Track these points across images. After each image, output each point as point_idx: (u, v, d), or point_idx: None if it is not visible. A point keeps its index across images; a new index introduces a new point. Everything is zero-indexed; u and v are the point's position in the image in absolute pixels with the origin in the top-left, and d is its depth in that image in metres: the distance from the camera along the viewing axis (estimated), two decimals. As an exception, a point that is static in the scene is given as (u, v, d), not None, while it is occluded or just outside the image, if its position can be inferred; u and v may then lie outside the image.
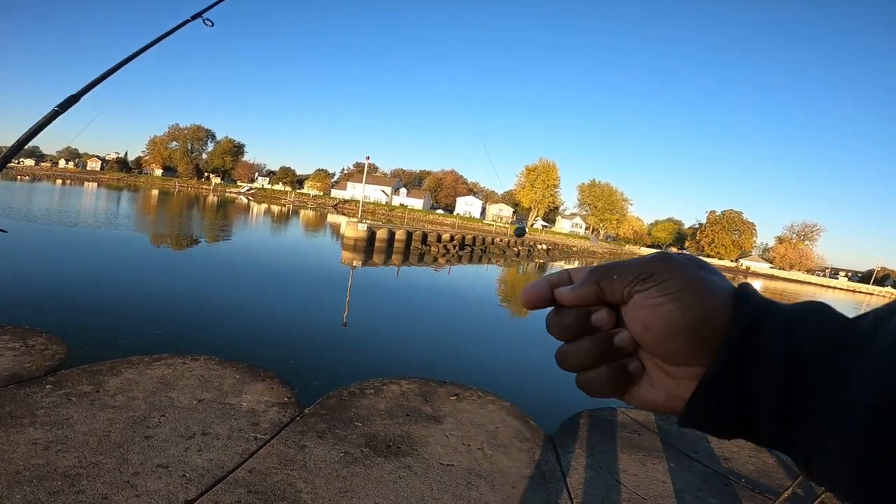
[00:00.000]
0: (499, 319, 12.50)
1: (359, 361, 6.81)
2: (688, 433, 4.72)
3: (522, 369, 7.75)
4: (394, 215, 67.06)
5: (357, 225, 22.61)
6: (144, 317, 7.35)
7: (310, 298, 11.14)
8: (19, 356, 4.10)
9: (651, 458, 4.05)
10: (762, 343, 0.31)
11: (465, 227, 54.88)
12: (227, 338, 6.94)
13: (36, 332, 4.69)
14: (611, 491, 3.45)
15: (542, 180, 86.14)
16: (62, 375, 3.87)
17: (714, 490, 3.65)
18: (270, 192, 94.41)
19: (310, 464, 3.16)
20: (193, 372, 4.36)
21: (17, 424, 3.02)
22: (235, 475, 2.88)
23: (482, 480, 3.31)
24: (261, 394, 4.15)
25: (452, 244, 29.37)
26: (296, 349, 6.84)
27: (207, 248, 17.86)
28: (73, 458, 2.73)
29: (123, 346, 5.64)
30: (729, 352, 0.32)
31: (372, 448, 3.52)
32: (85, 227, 18.33)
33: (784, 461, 4.40)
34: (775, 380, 0.31)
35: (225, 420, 3.57)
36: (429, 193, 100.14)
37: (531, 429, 4.31)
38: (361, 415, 4.05)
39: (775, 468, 4.24)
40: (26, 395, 3.43)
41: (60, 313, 6.85)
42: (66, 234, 15.69)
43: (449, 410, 4.43)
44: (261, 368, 4.75)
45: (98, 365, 4.18)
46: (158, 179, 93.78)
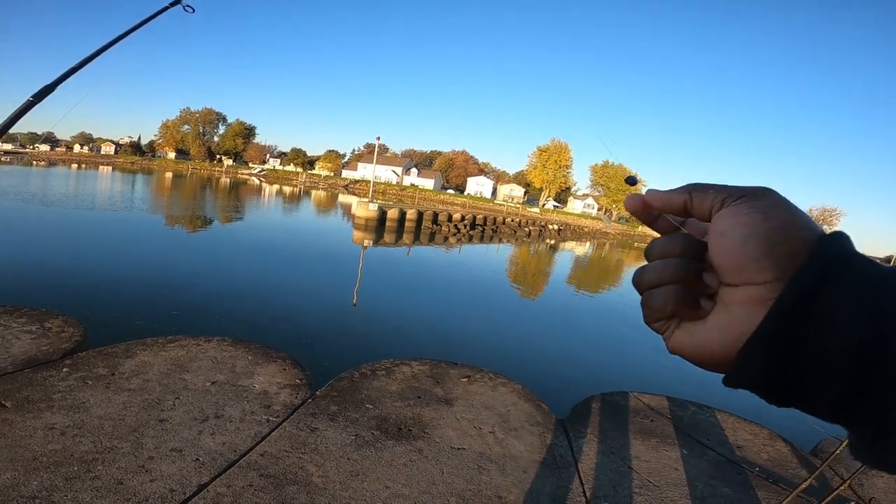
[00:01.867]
0: (510, 300, 12.46)
1: (370, 342, 6.84)
2: (701, 420, 4.68)
3: (534, 352, 7.74)
4: (405, 195, 66.87)
5: (368, 205, 22.59)
6: (159, 298, 7.44)
7: (321, 278, 11.18)
8: (36, 339, 4.16)
9: (663, 445, 4.02)
10: (849, 276, 0.27)
11: (476, 206, 54.59)
12: (240, 318, 7.00)
13: (52, 315, 4.75)
14: (623, 477, 3.43)
15: (555, 161, 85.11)
16: (78, 358, 3.92)
17: (727, 479, 3.61)
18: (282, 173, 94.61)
19: (321, 447, 3.18)
20: (207, 353, 4.39)
21: (34, 409, 3.06)
22: (248, 458, 2.91)
23: (493, 465, 3.31)
24: (273, 375, 4.17)
25: (463, 224, 29.28)
26: (307, 329, 6.88)
27: (220, 228, 17.99)
28: (88, 443, 2.77)
29: (139, 327, 5.71)
30: (811, 273, 0.27)
31: (383, 431, 3.53)
32: (101, 210, 18.54)
33: (799, 451, 4.35)
34: (856, 330, 0.26)
35: (238, 402, 3.60)
36: (439, 174, 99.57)
37: (543, 413, 4.30)
38: (372, 397, 4.06)
39: (790, 457, 4.18)
40: (43, 379, 3.48)
41: (76, 295, 6.96)
42: (82, 217, 15.89)
43: (460, 393, 4.43)
44: (273, 349, 4.77)
45: (114, 347, 4.22)
46: (172, 162, 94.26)
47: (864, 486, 3.78)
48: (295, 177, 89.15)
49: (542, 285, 15.91)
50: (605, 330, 10.43)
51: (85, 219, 15.58)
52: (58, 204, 18.17)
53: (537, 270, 20.22)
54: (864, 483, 3.84)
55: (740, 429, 4.62)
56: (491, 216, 35.18)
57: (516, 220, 39.74)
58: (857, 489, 3.67)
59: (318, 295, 9.39)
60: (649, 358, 8.38)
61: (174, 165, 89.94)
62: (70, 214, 15.96)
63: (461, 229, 28.05)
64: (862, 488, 3.74)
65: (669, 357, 1.71)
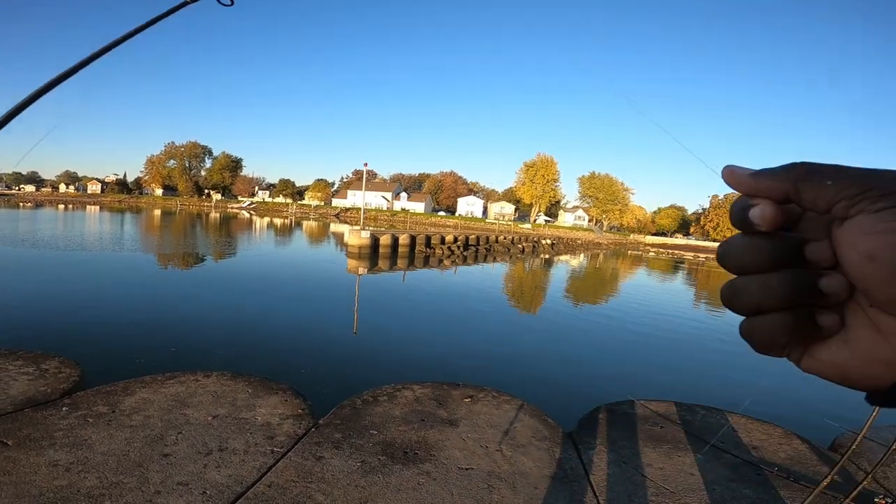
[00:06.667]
0: (508, 318, 12.45)
1: (370, 368, 6.79)
2: (712, 423, 4.66)
3: (535, 367, 7.70)
4: (396, 220, 67.11)
5: (360, 232, 22.61)
6: (156, 336, 7.36)
7: (318, 308, 11.13)
8: (33, 380, 4.09)
9: (676, 451, 3.99)
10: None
11: (469, 227, 54.82)
12: (239, 352, 6.93)
13: (48, 357, 4.69)
14: (637, 486, 3.39)
15: (542, 175, 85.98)
16: (77, 397, 3.86)
17: (746, 480, 3.57)
18: (272, 205, 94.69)
19: (328, 475, 3.13)
20: (207, 388, 4.34)
21: (36, 447, 3.01)
22: (255, 490, 2.86)
23: (503, 483, 3.27)
24: (275, 406, 4.12)
25: (456, 245, 29.34)
26: (307, 360, 6.82)
27: (214, 265, 17.90)
28: (94, 479, 2.71)
29: (138, 365, 5.63)
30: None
31: (389, 456, 3.48)
32: (93, 251, 18.42)
33: (817, 447, 4.32)
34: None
35: (241, 435, 3.55)
36: (429, 196, 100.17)
37: (549, 427, 4.27)
38: (376, 422, 4.02)
39: (808, 455, 4.15)
40: (43, 418, 3.42)
41: (72, 337, 6.87)
42: (73, 259, 15.77)
43: (464, 413, 4.39)
44: (273, 381, 4.73)
45: (112, 385, 4.17)
46: (160, 199, 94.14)
47: (889, 479, 3.73)
48: (285, 208, 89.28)
49: (538, 300, 15.91)
50: (604, 340, 10.42)
51: (77, 260, 15.46)
52: (49, 246, 18.04)
53: (533, 286, 20.24)
54: (889, 475, 3.79)
55: (754, 429, 4.60)
56: (484, 235, 35.32)
57: (509, 237, 39.91)
58: (881, 481, 3.63)
59: (315, 325, 9.33)
60: (651, 364, 8.37)
61: (162, 202, 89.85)
62: (62, 256, 15.83)
63: (455, 251, 28.10)
64: (888, 481, 3.70)
65: (671, 363, 1.77)
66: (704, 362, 9.19)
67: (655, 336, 11.21)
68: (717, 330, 12.80)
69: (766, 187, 0.28)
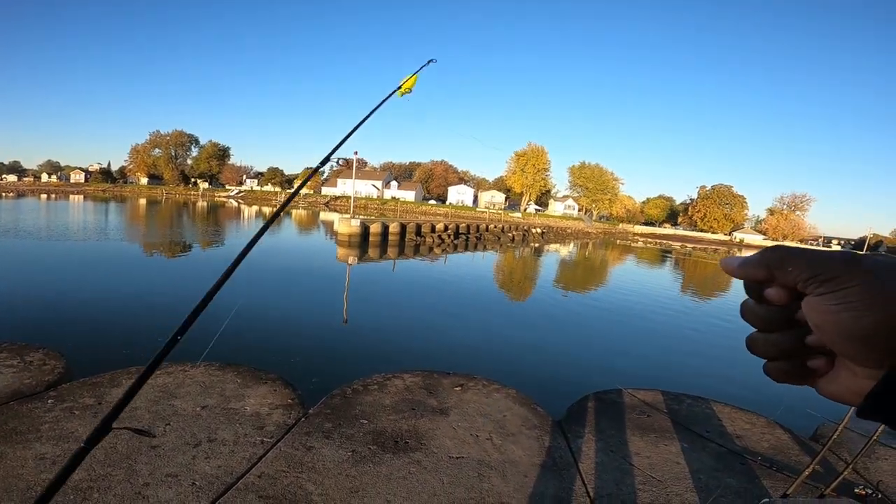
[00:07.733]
0: (498, 306, 12.49)
1: (360, 358, 6.78)
2: (698, 412, 4.73)
3: (525, 356, 7.75)
4: (386, 209, 66.75)
5: (350, 221, 22.49)
6: (142, 326, 7.27)
7: (307, 297, 11.07)
8: (18, 373, 4.03)
9: (663, 440, 4.05)
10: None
11: (459, 215, 54.71)
12: (227, 342, 6.86)
13: (33, 348, 4.62)
14: (625, 475, 3.44)
15: (533, 164, 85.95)
16: (63, 389, 3.81)
17: (730, 469, 3.64)
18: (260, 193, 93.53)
19: (318, 465, 3.13)
20: (195, 379, 4.31)
21: (22, 440, 2.97)
22: (245, 481, 2.85)
23: (493, 471, 3.30)
24: (264, 396, 4.11)
25: (447, 234, 29.32)
26: (296, 349, 6.79)
27: (201, 253, 17.71)
28: (82, 472, 2.69)
29: (124, 356, 5.57)
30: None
31: (380, 445, 3.49)
32: (76, 240, 18.11)
33: (799, 437, 4.40)
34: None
35: (230, 425, 3.53)
36: (420, 185, 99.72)
37: (538, 415, 4.31)
38: (367, 412, 4.03)
39: (790, 444, 4.24)
40: (29, 411, 3.38)
41: (56, 328, 6.77)
42: (57, 249, 15.49)
43: (454, 402, 4.41)
44: (262, 371, 4.71)
45: (98, 377, 4.12)
46: (145, 188, 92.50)
47: (869, 470, 3.81)
48: (274, 196, 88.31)
49: (528, 289, 15.98)
50: (593, 329, 10.51)
51: (60, 250, 15.20)
52: (32, 236, 17.71)
53: (523, 275, 20.31)
54: (868, 466, 3.87)
55: (738, 419, 4.68)
56: (474, 224, 35.31)
57: (499, 226, 39.95)
58: (862, 472, 3.71)
59: (304, 314, 9.29)
60: (639, 353, 8.47)
61: (147, 191, 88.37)
62: (45, 246, 15.55)
63: (445, 239, 28.07)
64: (868, 471, 3.78)
65: (659, 352, 1.78)
66: (691, 352, 9.31)
67: (643, 325, 11.33)
68: (703, 320, 12.97)
69: (752, 274, 0.36)
